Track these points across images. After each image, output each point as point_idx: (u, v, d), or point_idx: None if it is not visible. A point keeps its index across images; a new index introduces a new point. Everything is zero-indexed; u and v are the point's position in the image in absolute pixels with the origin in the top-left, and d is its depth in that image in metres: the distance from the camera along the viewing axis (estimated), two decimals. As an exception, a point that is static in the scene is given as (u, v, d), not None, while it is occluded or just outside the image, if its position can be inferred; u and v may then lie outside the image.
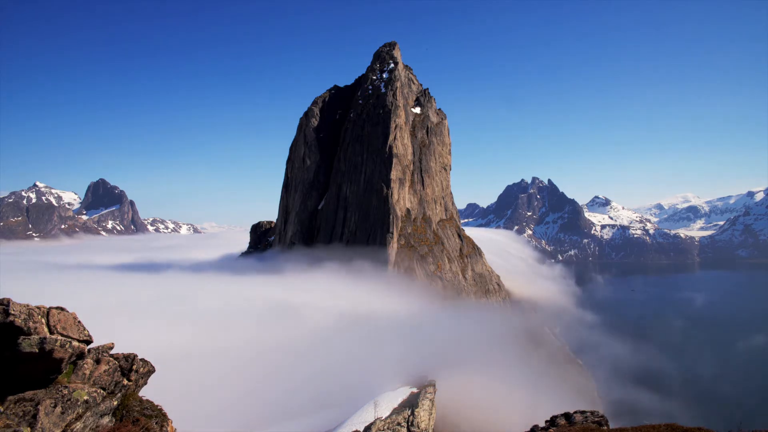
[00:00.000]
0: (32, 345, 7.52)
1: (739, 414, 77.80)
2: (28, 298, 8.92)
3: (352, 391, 41.78)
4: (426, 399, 29.35)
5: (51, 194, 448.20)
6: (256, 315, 64.33)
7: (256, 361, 48.97)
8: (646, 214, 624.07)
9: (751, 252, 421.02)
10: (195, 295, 79.52)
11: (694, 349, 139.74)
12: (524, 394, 63.11)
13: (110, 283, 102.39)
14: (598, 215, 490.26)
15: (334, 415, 37.31)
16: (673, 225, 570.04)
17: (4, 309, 7.42)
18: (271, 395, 41.46)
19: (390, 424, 25.53)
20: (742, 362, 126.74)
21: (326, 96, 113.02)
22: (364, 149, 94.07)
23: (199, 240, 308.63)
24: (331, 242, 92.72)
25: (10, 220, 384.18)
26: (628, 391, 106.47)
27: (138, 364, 9.87)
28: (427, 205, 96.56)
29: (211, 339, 53.04)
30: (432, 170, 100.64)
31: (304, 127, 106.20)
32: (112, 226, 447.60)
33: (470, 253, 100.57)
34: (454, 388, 51.31)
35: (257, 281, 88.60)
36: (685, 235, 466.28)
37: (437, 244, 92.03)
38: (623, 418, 76.45)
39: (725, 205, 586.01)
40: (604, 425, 17.56)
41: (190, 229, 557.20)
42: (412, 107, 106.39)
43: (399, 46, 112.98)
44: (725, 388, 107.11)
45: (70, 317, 8.49)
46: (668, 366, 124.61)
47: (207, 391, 40.03)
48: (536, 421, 19.49)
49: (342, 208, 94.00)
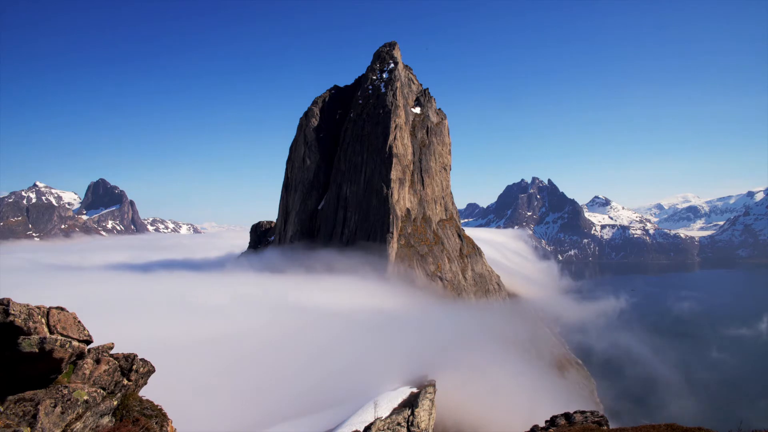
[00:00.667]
0: (32, 345, 7.51)
1: (739, 414, 77.87)
2: (28, 299, 8.92)
3: (352, 391, 41.77)
4: (426, 399, 29.36)
5: (51, 194, 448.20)
6: (256, 315, 64.30)
7: (255, 361, 48.95)
8: (646, 214, 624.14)
9: (751, 252, 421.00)
10: (194, 295, 79.48)
11: (694, 349, 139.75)
12: (524, 394, 63.16)
13: (110, 283, 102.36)
14: (598, 215, 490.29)
15: (334, 415, 37.29)
16: (673, 225, 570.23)
17: (4, 309, 7.42)
18: (271, 395, 41.45)
19: (390, 424, 25.53)
20: (742, 362, 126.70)
21: (326, 96, 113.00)
22: (364, 149, 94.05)
23: (199, 240, 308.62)
24: (331, 242, 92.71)
25: (10, 220, 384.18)
26: (628, 391, 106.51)
27: (138, 364, 9.87)
28: (427, 205, 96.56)
29: (210, 339, 53.01)
30: (432, 170, 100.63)
31: (304, 127, 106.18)
32: (112, 226, 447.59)
33: (470, 253, 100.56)
34: (455, 388, 51.32)
35: (257, 281, 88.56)
36: (685, 235, 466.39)
37: (437, 244, 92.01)
38: (623, 418, 76.53)
39: (725, 205, 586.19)
40: (604, 425, 17.56)
41: (190, 229, 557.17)
42: (412, 107, 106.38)
43: (399, 46, 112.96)
44: (725, 388, 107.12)
45: (70, 317, 8.49)
46: (668, 366, 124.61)
47: (207, 392, 40.01)
48: (536, 421, 19.49)
49: (342, 208, 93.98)
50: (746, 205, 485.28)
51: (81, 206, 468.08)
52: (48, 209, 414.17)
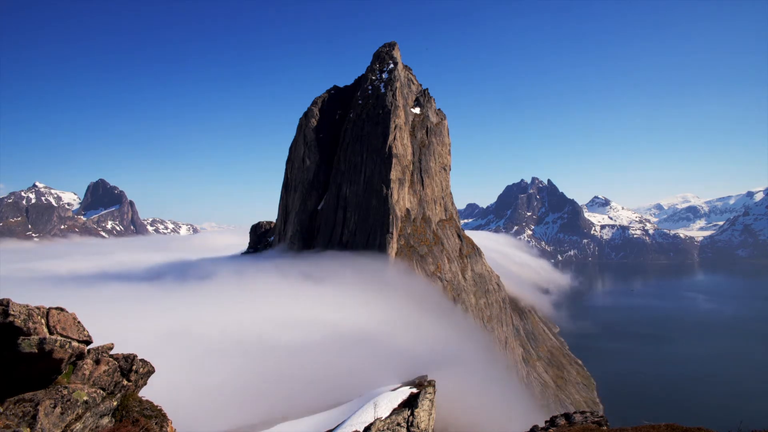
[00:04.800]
0: (32, 345, 7.50)
1: (739, 414, 77.81)
2: (28, 299, 8.92)
3: (352, 392, 41.77)
4: (426, 399, 29.33)
5: (50, 194, 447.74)
6: (256, 315, 64.27)
7: (255, 361, 48.94)
8: (645, 214, 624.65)
9: (750, 252, 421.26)
10: (194, 295, 79.48)
11: (694, 349, 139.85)
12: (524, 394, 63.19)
13: (110, 283, 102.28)
14: (597, 215, 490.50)
15: (334, 415, 37.28)
16: (673, 225, 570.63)
17: (3, 309, 7.41)
18: (271, 396, 41.44)
19: (390, 424, 25.50)
20: (742, 362, 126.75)
21: (326, 96, 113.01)
22: (364, 149, 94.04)
23: (198, 240, 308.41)
24: (330, 242, 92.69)
25: (9, 221, 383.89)
26: (628, 391, 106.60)
27: (138, 365, 9.86)
28: (427, 205, 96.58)
29: (210, 339, 53.00)
30: (432, 170, 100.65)
31: (303, 128, 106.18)
32: (111, 227, 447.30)
33: (470, 253, 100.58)
34: (455, 388, 51.32)
35: (257, 282, 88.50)
36: (684, 235, 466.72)
37: (437, 244, 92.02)
38: (623, 418, 76.41)
39: (725, 206, 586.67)
40: (604, 425, 17.57)
41: (189, 229, 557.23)
42: (411, 107, 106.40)
43: (398, 47, 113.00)
44: (725, 388, 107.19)
45: (70, 317, 8.48)
46: (668, 366, 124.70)
47: (207, 392, 40.01)
48: (536, 421, 19.50)
49: (342, 208, 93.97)
50: (746, 205, 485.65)
51: (80, 207, 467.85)
52: (47, 210, 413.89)
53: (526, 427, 18.73)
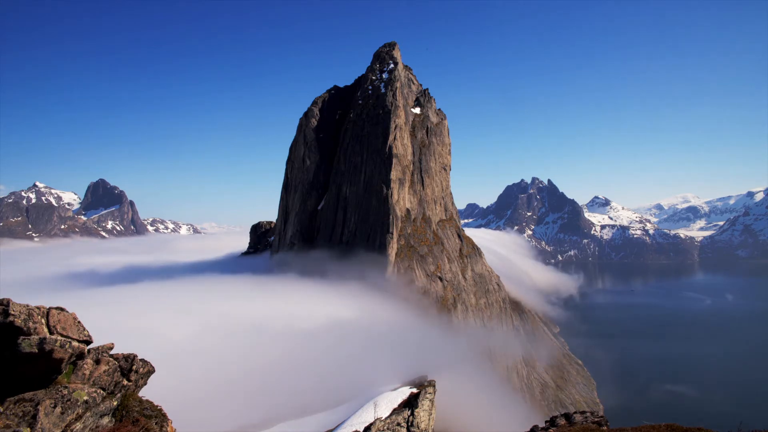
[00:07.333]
0: (32, 345, 7.51)
1: (739, 414, 77.84)
2: (28, 299, 8.93)
3: (352, 392, 41.79)
4: (426, 399, 29.33)
5: (51, 194, 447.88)
6: (256, 316, 64.27)
7: (256, 362, 48.94)
8: (645, 214, 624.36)
9: (750, 252, 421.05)
10: (194, 295, 79.45)
11: (695, 349, 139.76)
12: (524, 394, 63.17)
13: (110, 283, 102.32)
14: (597, 215, 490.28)
15: (334, 415, 37.32)
16: (673, 225, 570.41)
17: (3, 309, 7.42)
18: (271, 396, 41.46)
19: (390, 424, 25.50)
20: (742, 362, 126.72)
21: (326, 96, 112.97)
22: (364, 149, 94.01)
23: (198, 240, 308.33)
24: (330, 242, 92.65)
25: (9, 221, 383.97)
26: (628, 391, 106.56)
27: (138, 365, 9.86)
28: (427, 205, 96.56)
29: (210, 340, 52.99)
30: (432, 170, 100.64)
31: (303, 128, 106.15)
32: (111, 227, 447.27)
33: (470, 253, 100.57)
34: (455, 388, 51.33)
35: (257, 282, 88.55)
36: (684, 235, 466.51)
37: (437, 244, 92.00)
38: (623, 418, 76.38)
39: (725, 206, 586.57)
40: (604, 425, 17.57)
41: (189, 229, 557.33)
42: (412, 107, 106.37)
43: (399, 47, 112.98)
44: (725, 388, 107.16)
45: (70, 317, 8.48)
46: (668, 366, 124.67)
47: (207, 392, 40.00)
48: (536, 421, 19.50)
49: (342, 208, 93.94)
50: (746, 206, 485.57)
51: (81, 207, 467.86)
52: (48, 209, 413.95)
53: (526, 427, 18.73)
